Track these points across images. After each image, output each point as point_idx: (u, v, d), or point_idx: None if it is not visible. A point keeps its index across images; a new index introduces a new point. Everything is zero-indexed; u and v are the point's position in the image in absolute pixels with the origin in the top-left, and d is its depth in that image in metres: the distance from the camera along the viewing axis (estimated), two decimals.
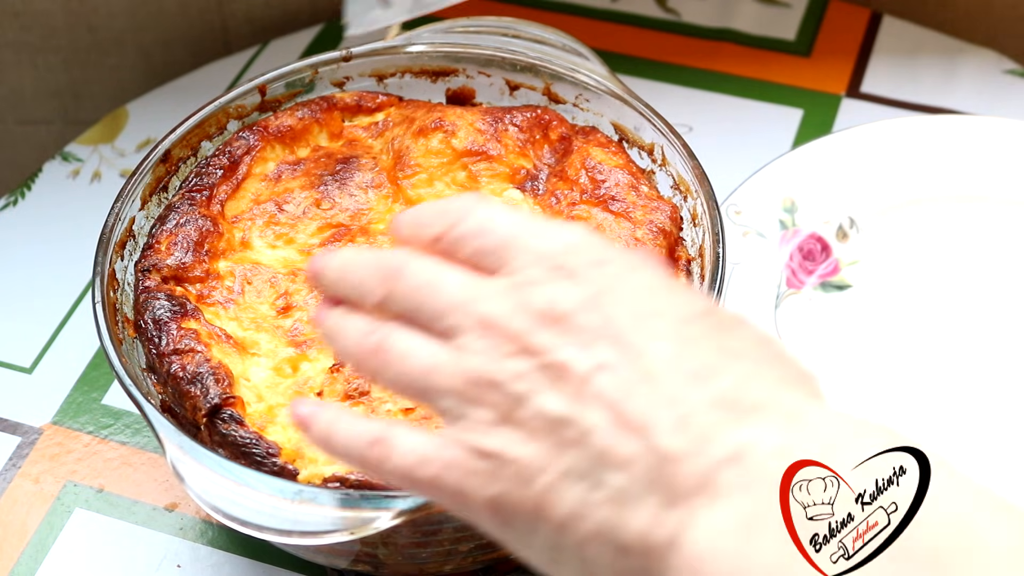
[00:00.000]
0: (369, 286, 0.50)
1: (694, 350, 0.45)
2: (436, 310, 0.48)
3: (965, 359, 0.85)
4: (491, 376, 0.46)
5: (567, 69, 0.83)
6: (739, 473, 0.42)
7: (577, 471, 0.44)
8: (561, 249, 0.47)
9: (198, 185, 0.78)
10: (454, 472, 0.46)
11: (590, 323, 0.45)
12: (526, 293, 0.46)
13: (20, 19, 1.09)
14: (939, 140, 0.95)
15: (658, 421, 0.43)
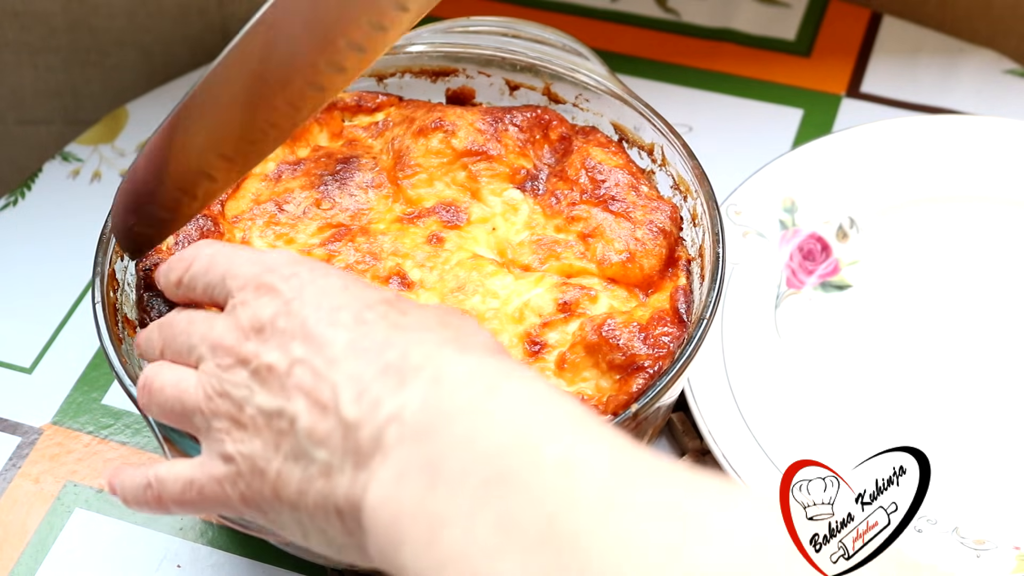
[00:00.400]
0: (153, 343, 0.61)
1: (368, 331, 0.52)
2: (188, 346, 0.58)
3: (965, 359, 0.85)
4: (219, 387, 0.55)
5: (567, 69, 0.83)
6: (397, 429, 0.49)
7: (293, 454, 0.52)
8: (261, 271, 0.56)
9: None
10: (212, 483, 0.55)
11: (286, 327, 0.54)
12: (238, 313, 0.55)
13: (20, 19, 1.09)
14: (939, 140, 0.95)
15: (341, 397, 0.51)
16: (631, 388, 0.67)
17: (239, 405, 0.54)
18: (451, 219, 0.76)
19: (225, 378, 0.55)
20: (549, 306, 0.72)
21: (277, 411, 0.53)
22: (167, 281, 0.63)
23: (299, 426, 0.52)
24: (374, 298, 0.55)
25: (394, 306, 0.55)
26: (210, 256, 0.60)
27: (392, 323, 0.53)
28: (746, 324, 0.85)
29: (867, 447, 0.78)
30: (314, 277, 0.56)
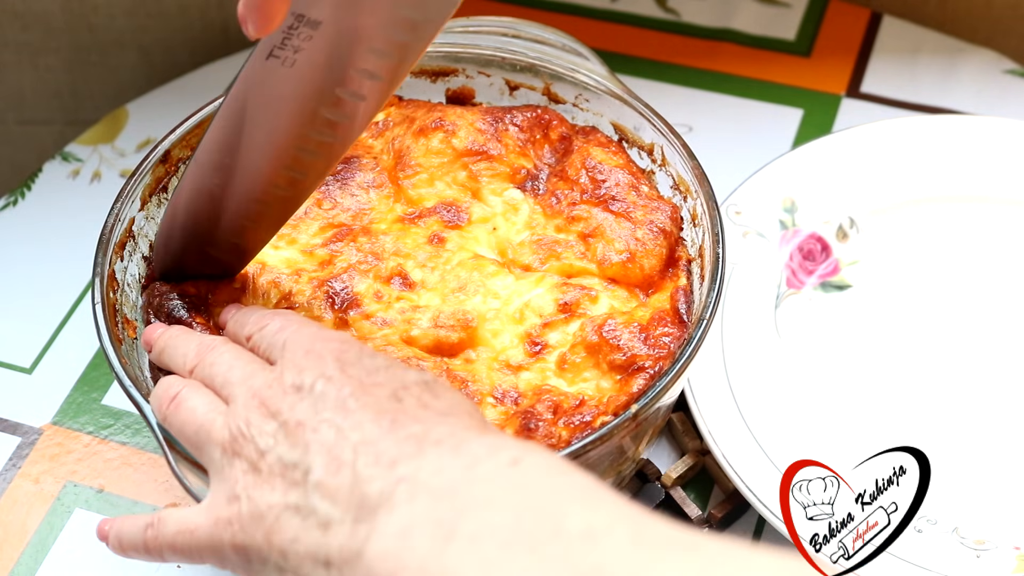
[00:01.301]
0: (188, 358, 0.64)
1: (399, 408, 0.55)
2: (225, 380, 0.61)
3: (965, 359, 0.85)
4: (247, 433, 0.57)
5: (567, 69, 0.83)
6: (408, 488, 0.51)
7: (297, 505, 0.54)
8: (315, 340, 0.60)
9: None
10: (208, 524, 0.57)
11: (323, 391, 0.56)
12: (284, 372, 0.58)
13: (20, 19, 1.09)
14: (939, 140, 0.95)
15: (359, 457, 0.53)
16: (631, 388, 0.67)
17: (261, 453, 0.56)
18: (452, 219, 0.76)
19: (254, 425, 0.57)
20: (550, 306, 0.72)
21: (295, 463, 0.55)
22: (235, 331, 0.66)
23: (311, 478, 0.54)
24: (412, 380, 0.57)
25: (428, 390, 0.57)
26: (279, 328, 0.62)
27: (423, 404, 0.56)
28: (746, 324, 0.85)
29: (867, 447, 0.78)
30: (360, 356, 0.58)
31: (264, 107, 0.65)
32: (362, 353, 0.59)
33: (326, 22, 0.62)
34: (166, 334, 0.67)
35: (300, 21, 0.62)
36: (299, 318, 0.64)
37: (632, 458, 0.74)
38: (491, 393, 0.68)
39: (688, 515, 0.78)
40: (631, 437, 0.69)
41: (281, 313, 0.64)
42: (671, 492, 0.79)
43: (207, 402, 0.60)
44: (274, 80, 0.64)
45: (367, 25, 0.62)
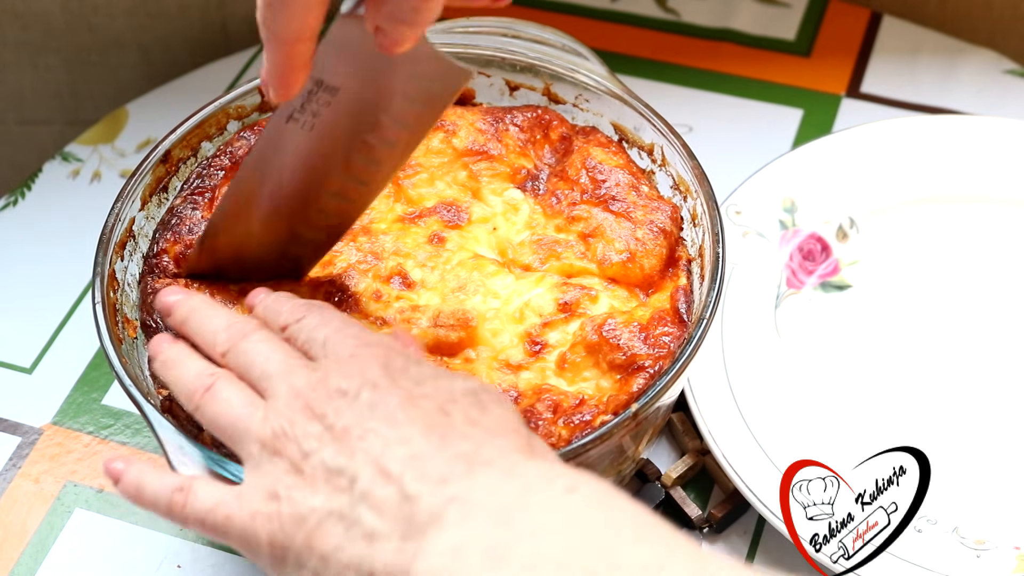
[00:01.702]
0: (219, 338, 0.62)
1: (447, 422, 0.55)
2: (263, 373, 0.59)
3: (965, 359, 0.85)
4: (290, 432, 0.56)
5: (567, 69, 0.83)
6: (459, 509, 0.51)
7: (340, 512, 0.53)
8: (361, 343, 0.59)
9: (200, 187, 0.78)
10: (245, 514, 0.56)
11: (369, 400, 0.56)
12: (328, 374, 0.57)
13: (20, 19, 1.09)
14: (939, 140, 0.95)
15: (407, 471, 0.53)
16: (631, 388, 0.67)
17: (304, 454, 0.55)
18: (452, 219, 0.76)
19: (298, 425, 0.56)
20: (550, 306, 0.72)
21: (340, 469, 0.54)
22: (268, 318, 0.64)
23: (358, 488, 0.53)
24: (459, 391, 0.57)
25: (477, 403, 0.56)
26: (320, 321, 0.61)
27: (471, 419, 0.55)
28: (746, 324, 0.85)
29: (867, 447, 0.78)
30: (407, 364, 0.58)
31: (282, 168, 0.67)
32: (408, 361, 0.58)
33: (343, 89, 0.63)
34: (188, 303, 0.65)
35: (319, 87, 0.63)
36: (338, 314, 0.62)
37: (632, 458, 0.74)
38: None
39: (688, 515, 0.78)
40: (631, 436, 0.69)
41: (317, 305, 0.63)
42: (671, 492, 0.79)
43: (243, 395, 0.59)
44: (293, 142, 0.66)
45: (383, 94, 0.63)
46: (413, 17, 0.56)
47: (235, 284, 0.73)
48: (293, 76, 0.59)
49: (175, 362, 0.63)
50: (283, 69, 0.59)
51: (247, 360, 0.60)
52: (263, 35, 0.58)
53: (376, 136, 0.66)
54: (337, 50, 0.61)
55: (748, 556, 0.77)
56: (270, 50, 0.59)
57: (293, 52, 0.58)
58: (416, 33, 0.57)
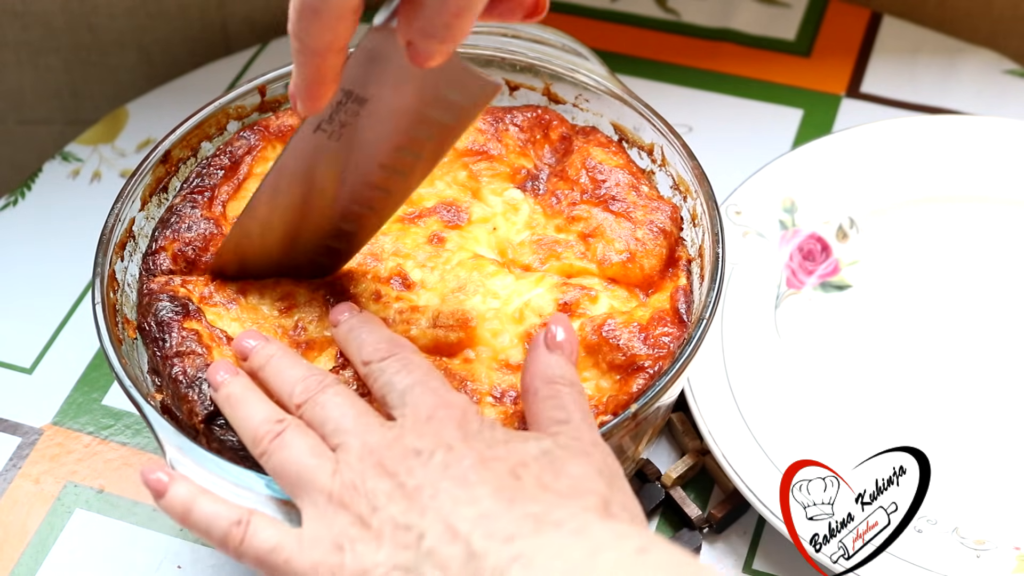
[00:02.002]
0: (296, 389, 0.63)
1: (518, 486, 0.56)
2: (337, 428, 0.60)
3: (965, 359, 0.85)
4: (360, 486, 0.57)
5: (567, 69, 0.83)
6: (523, 567, 0.52)
7: (405, 567, 0.54)
8: (441, 404, 0.60)
9: (199, 186, 0.78)
10: (306, 562, 0.56)
11: (442, 462, 0.57)
12: (405, 434, 0.58)
13: (20, 19, 1.09)
14: (939, 140, 0.95)
15: (475, 530, 0.54)
16: (631, 388, 0.67)
17: (373, 508, 0.56)
18: (452, 219, 0.76)
19: (369, 481, 0.57)
20: (549, 306, 0.72)
21: (408, 525, 0.55)
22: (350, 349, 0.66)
23: (424, 545, 0.54)
24: (532, 456, 0.58)
25: (550, 467, 0.57)
26: (402, 367, 0.62)
27: (543, 484, 0.56)
28: (746, 324, 0.85)
29: (867, 447, 0.78)
30: (482, 428, 0.59)
31: (307, 177, 0.68)
32: (483, 424, 0.59)
33: (372, 100, 0.63)
34: (266, 350, 0.66)
35: (348, 97, 0.63)
36: (421, 360, 0.63)
37: (632, 458, 0.74)
38: (490, 392, 0.68)
39: (688, 515, 0.78)
40: (631, 437, 0.69)
41: (401, 345, 0.64)
42: (671, 492, 0.79)
43: (311, 446, 0.60)
44: (319, 152, 0.66)
45: (412, 105, 0.64)
46: (444, 33, 0.56)
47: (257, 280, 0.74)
48: (322, 88, 0.60)
49: (241, 401, 0.64)
50: (313, 81, 0.59)
51: (322, 414, 0.61)
52: (294, 47, 0.58)
53: (403, 147, 0.66)
54: (368, 61, 0.61)
55: (748, 556, 0.77)
56: (300, 62, 0.59)
57: (324, 64, 0.58)
58: (447, 49, 0.57)
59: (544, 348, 0.64)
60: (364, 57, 0.61)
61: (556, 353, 0.64)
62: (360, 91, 0.63)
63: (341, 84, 0.61)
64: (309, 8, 0.56)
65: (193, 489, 0.61)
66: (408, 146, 0.66)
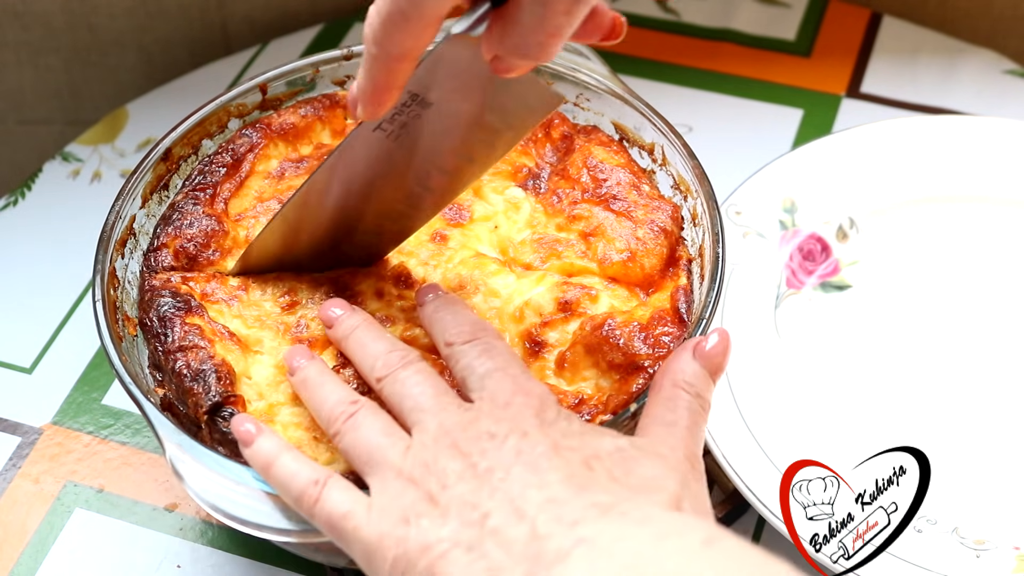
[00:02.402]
0: (377, 363, 0.64)
1: (589, 476, 0.56)
2: (416, 406, 0.61)
3: (965, 359, 0.85)
4: (432, 465, 0.57)
5: (568, 68, 0.83)
6: (587, 550, 0.52)
7: (467, 544, 0.54)
8: (519, 391, 0.60)
9: (201, 183, 0.78)
10: (374, 532, 0.57)
11: (516, 447, 0.57)
12: (480, 417, 0.59)
13: (20, 19, 1.09)
14: (939, 140, 0.95)
15: (541, 512, 0.54)
16: (631, 388, 0.67)
17: (443, 486, 0.57)
18: (454, 216, 0.76)
19: (441, 460, 0.57)
20: (550, 305, 0.72)
21: (474, 504, 0.55)
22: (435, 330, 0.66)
23: (489, 523, 0.54)
24: (605, 449, 0.58)
25: (622, 462, 0.58)
26: (490, 346, 0.63)
27: (614, 477, 0.57)
28: (746, 324, 0.85)
29: (867, 447, 0.78)
30: (558, 417, 0.59)
31: (358, 171, 0.68)
32: (560, 415, 0.59)
33: (437, 104, 0.64)
34: (352, 319, 0.67)
35: (414, 100, 0.63)
36: (504, 346, 0.64)
37: None
38: None
39: None
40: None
41: (485, 329, 0.64)
42: None
43: (383, 426, 0.61)
44: (373, 148, 0.66)
45: (475, 112, 0.64)
46: (537, 52, 0.56)
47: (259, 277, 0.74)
48: (389, 94, 0.60)
49: (316, 384, 0.65)
50: (382, 87, 0.59)
51: (402, 391, 0.62)
52: (370, 52, 0.58)
53: (459, 151, 0.67)
54: (440, 67, 0.61)
55: None
56: (373, 67, 0.58)
57: (397, 71, 0.58)
58: (532, 65, 0.58)
59: (689, 352, 0.64)
60: (438, 63, 0.61)
61: (698, 362, 0.64)
62: (426, 94, 0.63)
63: (408, 86, 0.61)
64: (399, 13, 0.55)
65: (279, 444, 0.62)
66: (464, 151, 0.67)
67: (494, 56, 0.57)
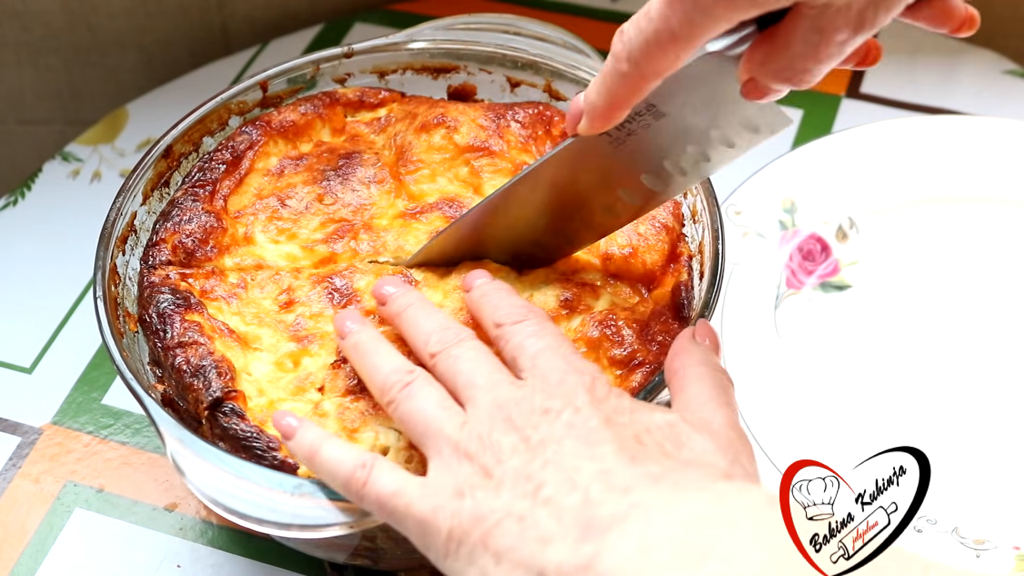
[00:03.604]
0: (431, 339, 0.64)
1: (641, 449, 0.56)
2: (469, 381, 0.61)
3: (964, 359, 0.85)
4: (488, 438, 0.58)
5: (568, 66, 0.83)
6: (642, 514, 0.52)
7: (520, 514, 0.55)
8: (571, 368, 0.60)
9: (201, 180, 0.78)
10: (426, 506, 0.57)
11: (569, 421, 0.57)
12: (534, 393, 0.59)
13: (20, 19, 1.09)
14: (939, 140, 0.95)
15: (593, 482, 0.54)
16: (631, 383, 0.68)
17: (497, 460, 0.57)
18: (454, 215, 0.76)
19: (496, 433, 0.58)
20: (552, 302, 0.72)
21: (528, 475, 0.56)
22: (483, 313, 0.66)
23: (542, 493, 0.55)
24: (656, 424, 0.58)
25: (673, 436, 0.58)
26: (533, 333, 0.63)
27: (665, 451, 0.57)
28: (746, 324, 0.85)
29: (867, 447, 0.78)
30: (610, 394, 0.60)
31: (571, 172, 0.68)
32: (611, 392, 0.60)
33: (670, 116, 0.64)
34: (406, 296, 0.68)
35: (649, 110, 0.63)
36: (553, 327, 0.64)
37: None
38: None
39: None
40: None
41: (534, 311, 0.65)
42: None
43: (439, 398, 0.61)
44: (593, 153, 0.66)
45: (706, 128, 0.64)
46: (800, 78, 0.57)
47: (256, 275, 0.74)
48: (622, 112, 0.60)
49: (369, 351, 0.65)
50: (620, 103, 0.59)
51: (455, 366, 0.62)
52: (618, 67, 0.58)
53: (676, 163, 0.67)
54: (685, 82, 0.61)
55: None
56: (617, 83, 0.59)
57: (644, 89, 0.59)
58: (787, 91, 0.58)
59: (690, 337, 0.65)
60: (684, 78, 0.61)
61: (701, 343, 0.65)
62: (663, 106, 0.63)
63: (648, 97, 0.61)
64: (667, 34, 0.55)
65: (321, 433, 0.62)
66: (681, 164, 0.67)
67: (750, 79, 0.57)
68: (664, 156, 0.66)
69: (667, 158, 0.66)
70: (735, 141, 0.65)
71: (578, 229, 0.72)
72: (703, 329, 0.66)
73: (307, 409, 0.68)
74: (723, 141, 0.65)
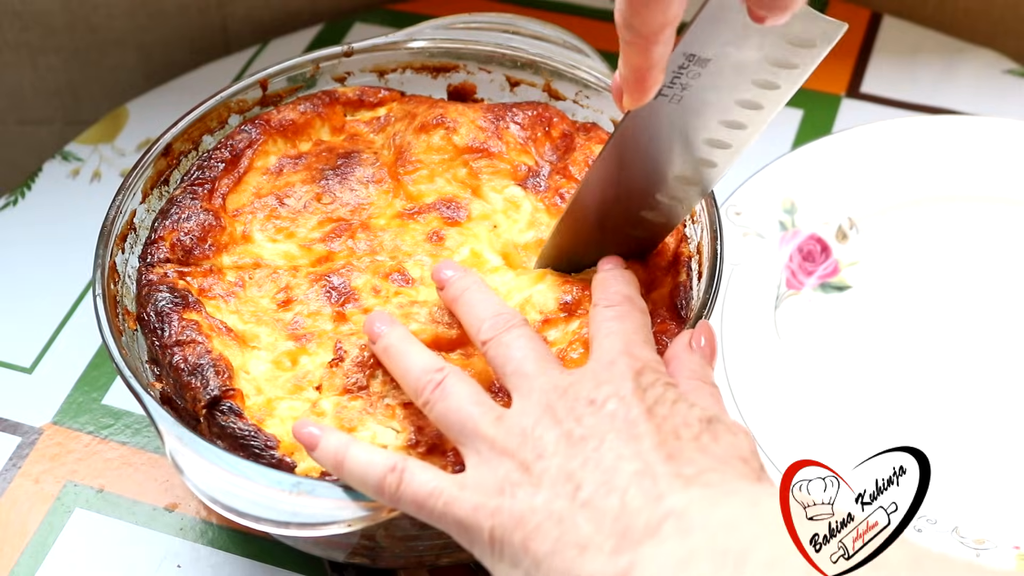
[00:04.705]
0: (484, 325, 0.64)
1: (678, 445, 0.56)
2: (517, 370, 0.61)
3: (965, 359, 0.85)
4: (528, 432, 0.58)
5: (567, 66, 0.83)
6: (676, 523, 0.52)
7: (559, 515, 0.54)
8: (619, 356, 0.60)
9: (200, 178, 0.78)
10: (466, 505, 0.57)
11: (613, 411, 0.57)
12: (580, 384, 0.59)
13: (20, 19, 1.09)
14: (939, 140, 0.95)
15: (632, 485, 0.54)
16: None
17: (538, 456, 0.57)
18: (452, 215, 0.76)
19: (539, 428, 0.58)
20: (551, 304, 0.72)
21: (568, 474, 0.55)
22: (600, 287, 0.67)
23: (581, 495, 0.55)
24: (694, 417, 0.58)
25: (709, 430, 0.58)
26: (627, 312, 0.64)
27: (701, 446, 0.57)
28: (746, 324, 0.85)
29: (867, 447, 0.78)
30: (656, 382, 0.59)
31: (646, 141, 0.67)
32: (657, 380, 0.60)
33: (715, 59, 0.63)
34: (464, 281, 0.68)
35: (690, 60, 0.63)
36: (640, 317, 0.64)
37: None
38: (489, 388, 0.68)
39: None
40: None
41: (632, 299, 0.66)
42: None
43: (472, 393, 0.61)
44: (659, 115, 0.66)
45: (753, 57, 0.63)
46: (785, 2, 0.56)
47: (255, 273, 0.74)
48: (651, 76, 0.60)
49: (400, 353, 0.65)
50: (643, 69, 0.59)
51: (505, 353, 0.62)
52: (624, 37, 0.58)
53: (745, 102, 0.65)
54: (712, 23, 0.61)
55: None
56: (630, 51, 0.59)
57: (655, 50, 0.58)
58: (789, 14, 0.57)
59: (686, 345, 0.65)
60: (708, 20, 0.61)
61: (696, 354, 0.64)
62: (702, 52, 0.62)
63: (683, 48, 0.61)
64: None
65: (344, 440, 0.61)
66: (751, 100, 0.65)
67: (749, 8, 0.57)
68: (731, 97, 0.65)
69: (736, 99, 0.65)
70: (794, 61, 0.64)
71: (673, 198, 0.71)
72: (703, 330, 0.65)
73: (305, 408, 0.68)
74: (781, 64, 0.64)
